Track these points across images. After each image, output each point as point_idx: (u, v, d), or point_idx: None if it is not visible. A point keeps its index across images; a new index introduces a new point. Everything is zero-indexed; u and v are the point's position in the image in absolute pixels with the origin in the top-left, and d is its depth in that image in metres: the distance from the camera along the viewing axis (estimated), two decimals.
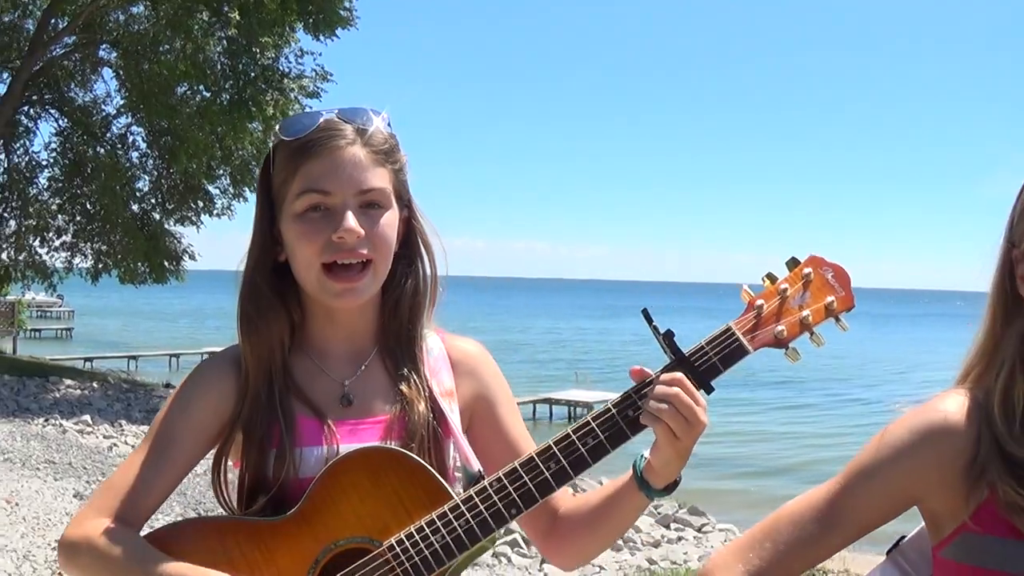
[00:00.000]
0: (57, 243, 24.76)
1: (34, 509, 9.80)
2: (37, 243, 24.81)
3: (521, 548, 10.79)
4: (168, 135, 21.69)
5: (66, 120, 23.47)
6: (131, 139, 23.72)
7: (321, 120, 1.84)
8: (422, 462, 1.76)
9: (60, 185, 23.81)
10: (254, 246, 1.90)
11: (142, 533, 1.80)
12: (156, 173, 23.88)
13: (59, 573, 7.59)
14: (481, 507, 1.71)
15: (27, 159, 24.06)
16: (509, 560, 10.34)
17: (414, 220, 1.94)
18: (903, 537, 1.80)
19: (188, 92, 21.17)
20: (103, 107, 23.75)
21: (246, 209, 24.56)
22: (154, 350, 41.56)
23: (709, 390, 1.75)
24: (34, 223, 24.16)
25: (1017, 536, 1.53)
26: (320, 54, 29.73)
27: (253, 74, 20.30)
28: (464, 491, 1.75)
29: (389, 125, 1.90)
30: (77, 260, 25.06)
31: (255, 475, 1.83)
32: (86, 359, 34.62)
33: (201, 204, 24.13)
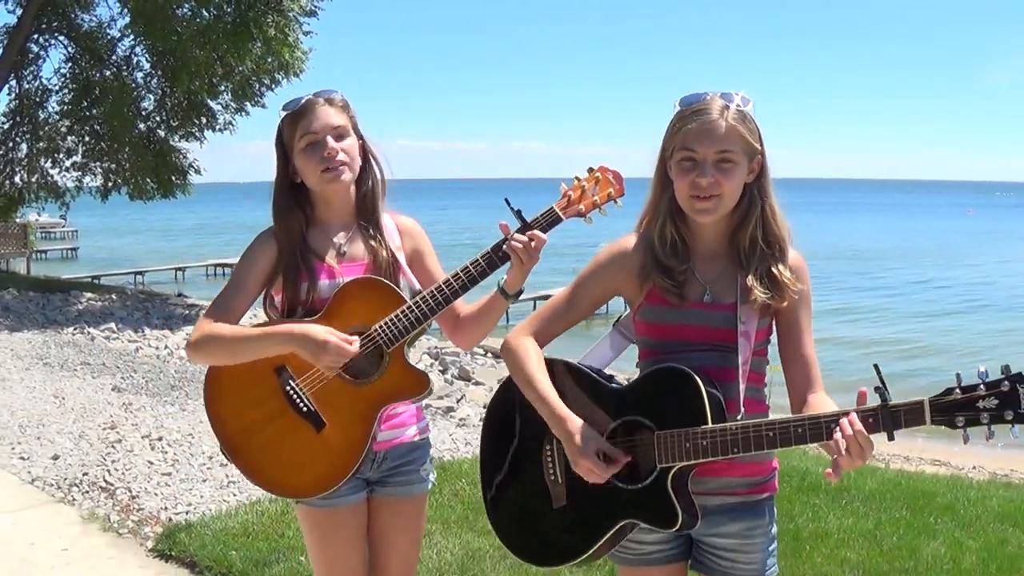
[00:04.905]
0: (68, 163, 25.36)
1: (79, 401, 10.58)
2: (48, 164, 25.38)
3: None
4: (171, 56, 22.02)
5: (74, 46, 23.88)
6: (135, 60, 24.16)
7: (305, 99, 3.06)
8: (389, 283, 3.04)
9: (69, 108, 24.26)
10: (279, 175, 3.11)
11: None
12: (160, 92, 24.24)
13: (112, 444, 8.50)
14: (422, 305, 2.96)
15: (37, 84, 24.54)
16: None
17: (368, 145, 3.17)
18: (622, 315, 2.93)
19: (190, 14, 21.49)
20: (108, 31, 24.12)
21: (246, 123, 25.05)
22: (159, 265, 42.48)
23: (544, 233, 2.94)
24: (45, 145, 24.71)
25: (667, 304, 2.69)
26: None
27: None
28: (411, 300, 3.00)
29: (343, 97, 3.10)
30: (87, 179, 25.65)
31: (292, 299, 3.07)
32: (93, 277, 34.85)
33: (204, 120, 24.61)
